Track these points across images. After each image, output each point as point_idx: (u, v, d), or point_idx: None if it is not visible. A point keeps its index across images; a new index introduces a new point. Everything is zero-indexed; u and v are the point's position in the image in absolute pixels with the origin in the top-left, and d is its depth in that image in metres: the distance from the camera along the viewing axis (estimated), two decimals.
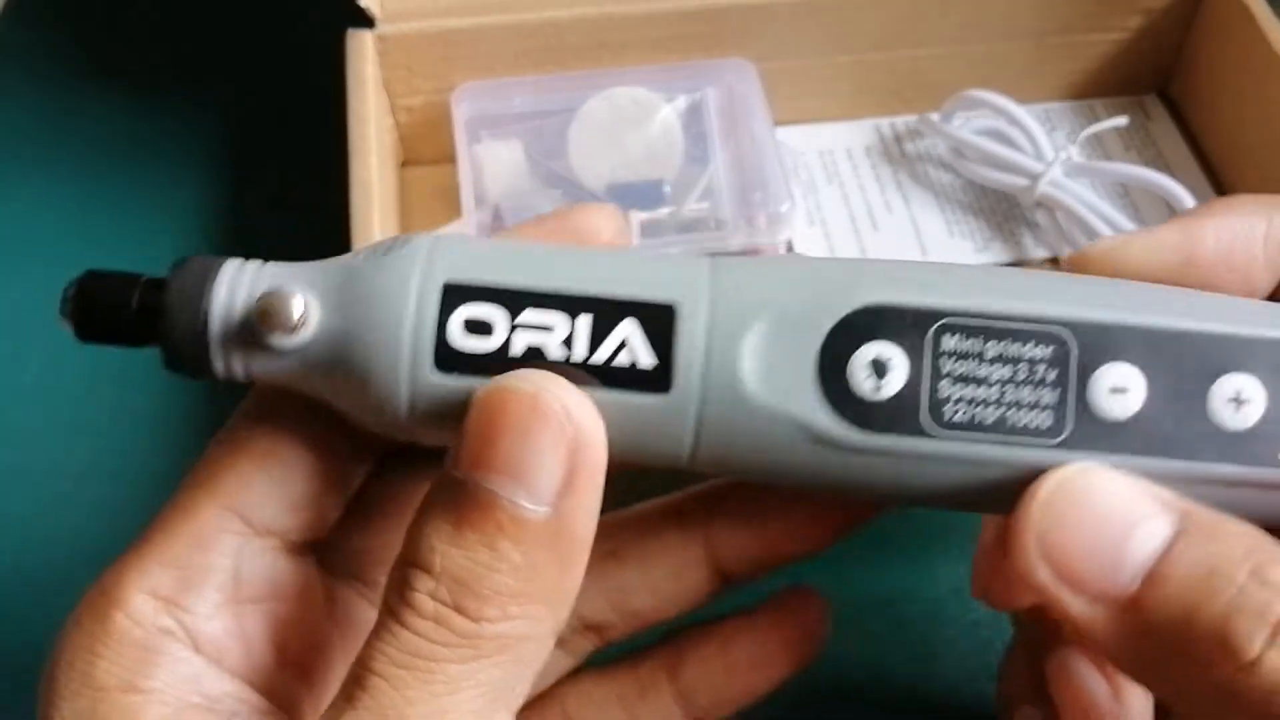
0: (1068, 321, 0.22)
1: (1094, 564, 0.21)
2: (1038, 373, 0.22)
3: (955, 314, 0.22)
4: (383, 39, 0.44)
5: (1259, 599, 0.19)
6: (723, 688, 0.28)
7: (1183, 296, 0.23)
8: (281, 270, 0.23)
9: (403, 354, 0.22)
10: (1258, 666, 0.19)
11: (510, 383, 0.21)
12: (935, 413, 0.22)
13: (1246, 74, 0.46)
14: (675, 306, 0.22)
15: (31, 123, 0.52)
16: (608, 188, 0.44)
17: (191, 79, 0.54)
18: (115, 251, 0.48)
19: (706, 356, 0.22)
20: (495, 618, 0.20)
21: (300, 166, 0.49)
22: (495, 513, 0.20)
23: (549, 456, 0.21)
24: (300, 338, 0.22)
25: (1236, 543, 0.20)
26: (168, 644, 0.22)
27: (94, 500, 0.41)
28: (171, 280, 0.22)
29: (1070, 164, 0.46)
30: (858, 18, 0.47)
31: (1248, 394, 0.22)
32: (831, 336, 0.22)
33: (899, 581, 0.38)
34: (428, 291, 0.22)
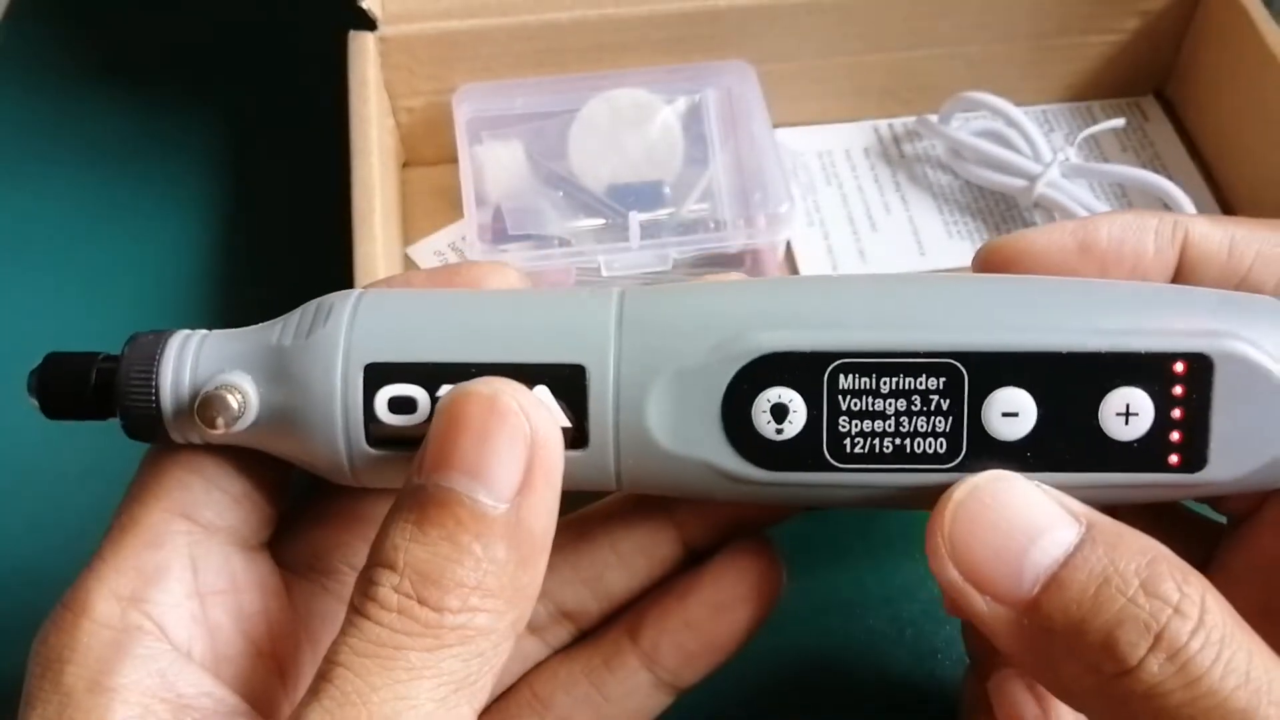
0: (959, 352, 0.22)
1: (998, 568, 0.22)
2: (931, 402, 0.23)
3: (848, 354, 0.23)
4: (384, 40, 0.45)
5: (1146, 610, 0.20)
6: (685, 643, 0.28)
7: (1075, 302, 0.23)
8: (219, 349, 0.24)
9: (336, 434, 0.23)
10: (1139, 672, 0.20)
11: (469, 386, 0.22)
12: (835, 448, 0.23)
13: (1243, 75, 0.47)
14: (584, 368, 0.23)
15: (34, 123, 0.52)
16: (608, 189, 0.45)
17: (194, 80, 0.54)
18: (117, 252, 0.48)
19: (616, 413, 0.23)
20: (456, 608, 0.21)
21: (302, 167, 0.49)
22: (456, 509, 0.21)
23: (506, 455, 0.22)
24: (241, 424, 0.23)
25: (1134, 555, 0.21)
26: (138, 640, 0.23)
27: (95, 501, 0.41)
28: (122, 361, 0.24)
29: (1068, 165, 0.46)
30: (856, 20, 0.47)
31: (1136, 406, 0.22)
32: (732, 386, 0.23)
33: (899, 581, 0.38)
34: (351, 373, 0.23)
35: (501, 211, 0.44)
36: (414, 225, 0.47)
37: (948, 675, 0.36)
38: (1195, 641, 0.20)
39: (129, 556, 0.24)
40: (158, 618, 0.23)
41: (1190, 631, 0.20)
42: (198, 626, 0.24)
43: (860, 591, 0.38)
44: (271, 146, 0.51)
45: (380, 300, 0.24)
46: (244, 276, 0.47)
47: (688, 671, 0.29)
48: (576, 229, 0.44)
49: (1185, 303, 0.23)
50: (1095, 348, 0.22)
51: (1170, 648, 0.20)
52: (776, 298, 0.24)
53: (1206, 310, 0.23)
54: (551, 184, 0.45)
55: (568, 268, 0.44)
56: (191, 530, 0.24)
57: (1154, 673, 0.20)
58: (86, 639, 0.23)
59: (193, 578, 0.24)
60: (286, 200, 0.49)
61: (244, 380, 0.23)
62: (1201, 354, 0.22)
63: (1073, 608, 0.21)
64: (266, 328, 0.24)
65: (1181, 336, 0.22)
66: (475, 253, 0.43)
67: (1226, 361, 0.22)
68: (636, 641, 0.29)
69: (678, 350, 0.23)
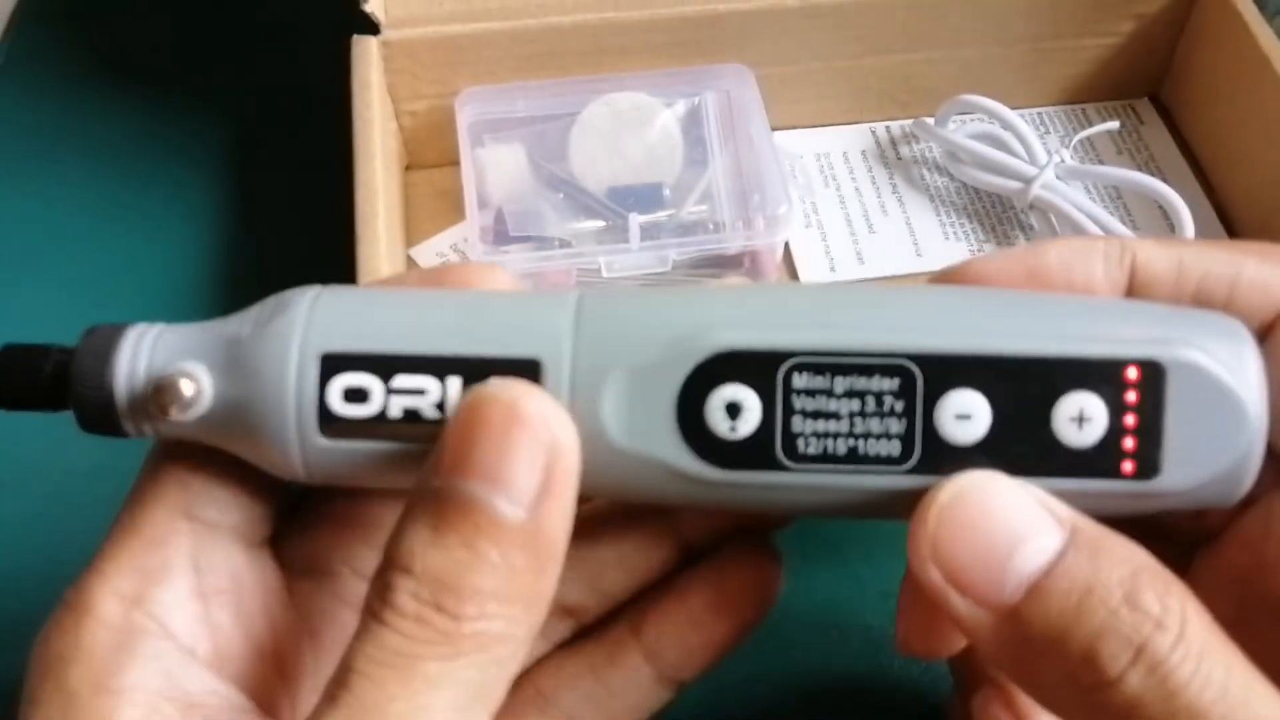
0: (912, 353, 0.22)
1: (981, 572, 0.22)
2: (885, 404, 0.23)
3: (803, 353, 0.23)
4: (387, 45, 0.45)
5: (1128, 623, 0.20)
6: (687, 638, 0.28)
7: (1030, 309, 0.23)
8: (176, 340, 0.24)
9: (289, 424, 0.23)
10: (1120, 685, 0.20)
11: (489, 390, 0.22)
12: (789, 448, 0.23)
13: (1237, 78, 0.47)
14: (539, 362, 0.23)
15: (39, 126, 0.53)
16: (608, 191, 0.45)
17: (198, 84, 0.54)
18: (122, 254, 0.48)
19: (571, 408, 0.23)
20: (474, 615, 0.21)
21: (305, 170, 0.49)
22: (474, 515, 0.21)
23: (527, 462, 0.21)
24: (194, 412, 0.23)
25: (1117, 564, 0.21)
26: (142, 640, 0.23)
27: (98, 500, 0.41)
28: (77, 352, 0.24)
29: (1063, 167, 0.46)
30: (854, 24, 0.47)
31: (1090, 412, 0.22)
32: (687, 383, 0.23)
33: (897, 580, 0.38)
34: (306, 362, 0.23)
35: (503, 213, 0.44)
36: (416, 227, 0.47)
37: (946, 675, 0.37)
38: (1175, 655, 0.20)
39: (131, 556, 0.24)
40: (161, 617, 0.23)
41: (1171, 645, 0.20)
42: (201, 626, 0.24)
43: (859, 591, 0.38)
44: (275, 149, 0.52)
45: (339, 295, 0.24)
46: (247, 279, 0.47)
47: (689, 666, 0.29)
48: (577, 231, 0.44)
49: (1139, 312, 0.23)
50: (1049, 352, 0.22)
51: (1151, 661, 0.20)
52: (734, 298, 0.24)
53: (1160, 319, 0.23)
54: (552, 186, 0.45)
55: (568, 269, 0.44)
56: (194, 529, 0.24)
57: (1134, 686, 0.20)
58: (89, 639, 0.22)
59: (195, 577, 0.24)
60: (290, 203, 0.50)
61: (199, 369, 0.23)
62: (1154, 361, 0.22)
63: (1054, 616, 0.21)
64: (225, 320, 0.24)
65: (1135, 343, 0.22)
66: (477, 254, 0.43)
67: (1179, 368, 0.22)
68: (639, 637, 0.29)
69: (633, 347, 0.23)
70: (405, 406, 0.23)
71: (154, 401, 0.23)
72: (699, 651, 0.29)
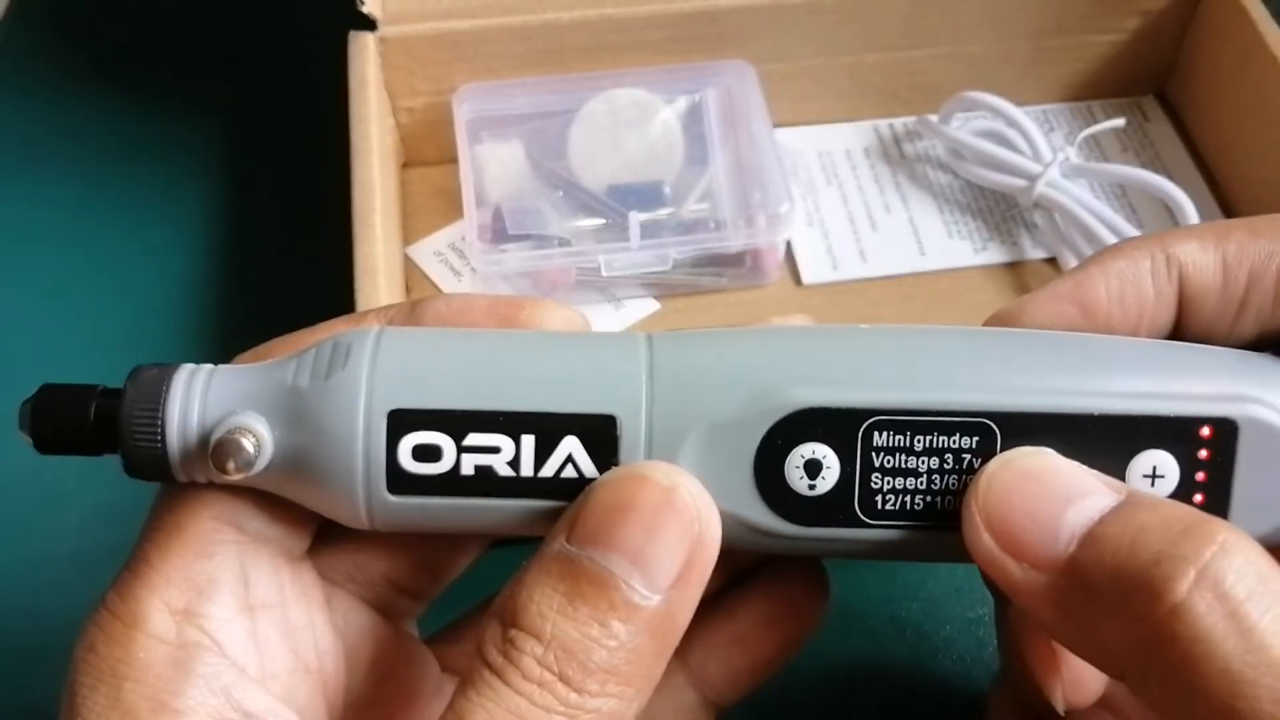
0: (992, 412, 0.23)
1: (1034, 531, 0.21)
2: (964, 461, 0.23)
3: (884, 411, 0.23)
4: (384, 41, 0.45)
5: (1186, 548, 0.20)
6: (733, 660, 0.28)
7: (1106, 364, 0.23)
8: (230, 387, 0.23)
9: (356, 482, 0.23)
10: (1183, 612, 0.19)
11: (646, 471, 0.22)
12: (866, 504, 0.23)
13: (1243, 75, 0.46)
14: (615, 419, 0.23)
15: (34, 123, 0.52)
16: (608, 188, 0.45)
17: (194, 81, 0.54)
18: (117, 252, 0.48)
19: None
20: (595, 692, 0.21)
21: (302, 167, 0.49)
22: (610, 591, 0.21)
23: (673, 550, 0.22)
24: (255, 470, 0.23)
25: (1172, 511, 0.21)
26: (199, 657, 0.22)
27: (96, 501, 0.41)
28: (125, 399, 0.23)
29: (1068, 165, 0.46)
30: (856, 20, 0.47)
31: (1163, 469, 0.23)
32: (766, 441, 0.23)
33: (899, 581, 0.38)
34: (374, 419, 0.22)
35: (501, 211, 0.44)
36: (414, 225, 0.47)
37: (948, 675, 0.36)
38: (1244, 586, 0.19)
39: (179, 566, 0.23)
40: (213, 632, 0.23)
41: (1239, 574, 0.19)
42: (249, 641, 0.23)
43: (860, 591, 0.38)
44: (271, 147, 0.51)
45: (402, 341, 0.23)
46: (244, 276, 0.47)
47: (733, 688, 0.29)
48: (576, 229, 0.44)
49: (1206, 366, 0.24)
50: (1126, 410, 0.22)
51: (1217, 585, 0.19)
52: (811, 351, 0.24)
53: (1227, 373, 0.23)
54: (551, 184, 0.45)
55: (568, 267, 0.44)
56: (240, 540, 0.24)
57: (1200, 613, 0.19)
58: (144, 654, 0.22)
59: (244, 591, 0.24)
60: (287, 201, 0.49)
61: (258, 422, 0.23)
62: (1228, 419, 0.22)
63: (1109, 559, 0.20)
64: (279, 365, 0.23)
65: (1207, 401, 0.23)
66: (475, 253, 0.43)
67: (1250, 426, 0.22)
68: (684, 659, 0.28)
69: (711, 403, 0.23)
70: (478, 465, 0.23)
71: (213, 459, 0.22)
72: (744, 673, 0.28)
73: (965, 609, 0.38)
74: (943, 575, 0.39)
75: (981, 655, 0.37)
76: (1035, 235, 0.47)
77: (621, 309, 0.45)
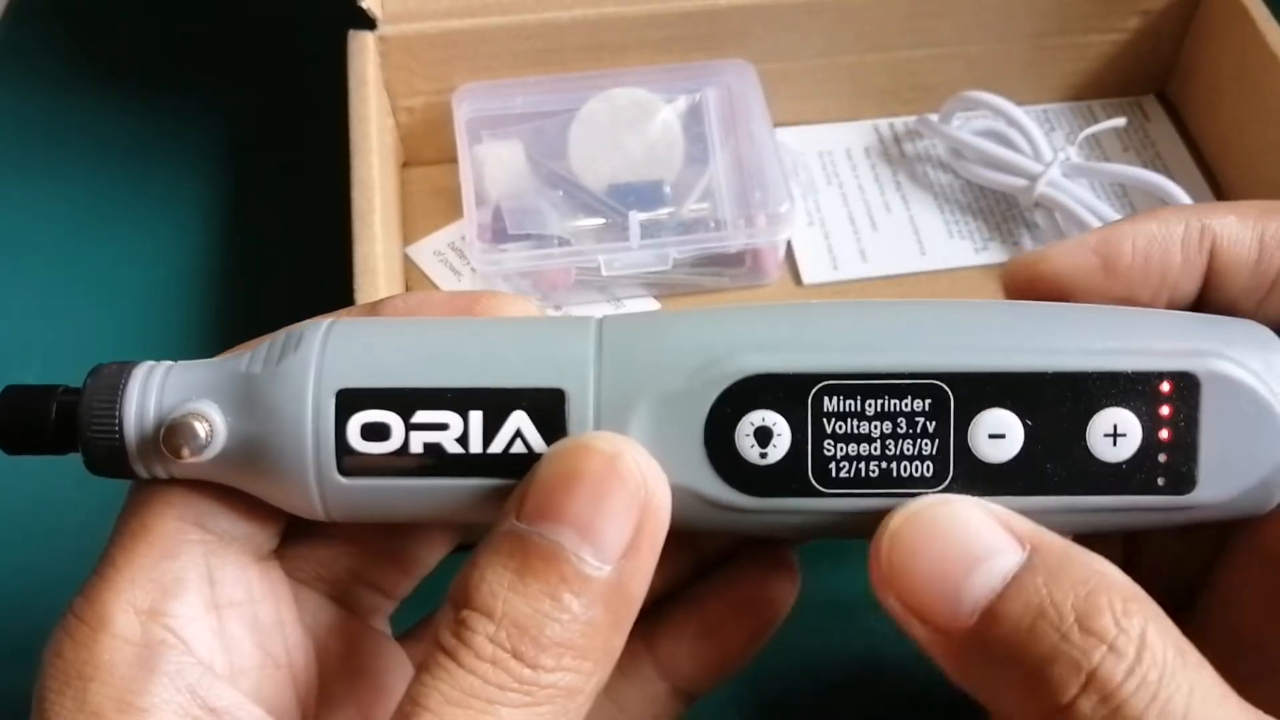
0: (943, 373, 0.22)
1: (936, 596, 0.21)
2: (917, 424, 0.22)
3: (833, 375, 0.22)
4: (384, 40, 0.45)
5: (1079, 648, 0.20)
6: (702, 651, 0.28)
7: (1061, 324, 0.23)
8: (185, 379, 0.23)
9: (306, 463, 0.23)
10: (1072, 710, 0.20)
11: (590, 441, 0.22)
12: (821, 472, 0.23)
13: (1244, 75, 0.46)
14: (563, 392, 0.22)
15: (33, 122, 0.52)
16: (608, 188, 0.45)
17: (193, 79, 0.54)
18: (116, 251, 0.48)
19: None
20: (550, 666, 0.21)
21: (302, 167, 0.49)
22: (560, 565, 0.21)
23: (620, 518, 0.21)
24: (208, 453, 0.23)
25: (1073, 585, 0.20)
26: (164, 655, 0.22)
27: (97, 501, 0.41)
28: (84, 394, 0.23)
29: (1069, 165, 0.46)
30: (857, 19, 0.47)
31: (1124, 427, 0.22)
32: (715, 409, 0.22)
33: None
34: (322, 399, 0.23)
35: (501, 211, 0.44)
36: (413, 225, 0.47)
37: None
38: (1130, 683, 0.19)
39: (144, 567, 0.23)
40: (179, 631, 0.23)
41: (1125, 671, 0.20)
42: (216, 639, 0.23)
43: (860, 591, 0.38)
44: (270, 146, 0.51)
45: (352, 328, 0.24)
46: (243, 276, 0.47)
47: (703, 678, 0.29)
48: (576, 228, 0.44)
49: (1169, 324, 0.23)
50: (1081, 368, 0.22)
51: (1103, 689, 0.20)
52: (759, 321, 0.23)
53: (1191, 331, 0.23)
54: (551, 183, 0.45)
55: (568, 267, 0.44)
56: (206, 540, 0.24)
57: (1087, 714, 0.20)
58: (109, 655, 0.22)
59: (210, 589, 0.24)
60: (286, 200, 0.49)
61: (211, 409, 0.23)
62: (1188, 373, 0.22)
63: (1008, 640, 0.20)
64: (234, 357, 0.24)
65: (1167, 356, 0.22)
66: (475, 252, 0.43)
67: (1212, 380, 0.22)
68: (653, 651, 0.28)
69: (659, 374, 0.22)
70: (427, 442, 0.23)
71: (166, 444, 0.22)
72: (713, 663, 0.28)
73: None
74: None
75: None
76: (1036, 235, 0.47)
77: (621, 309, 0.45)
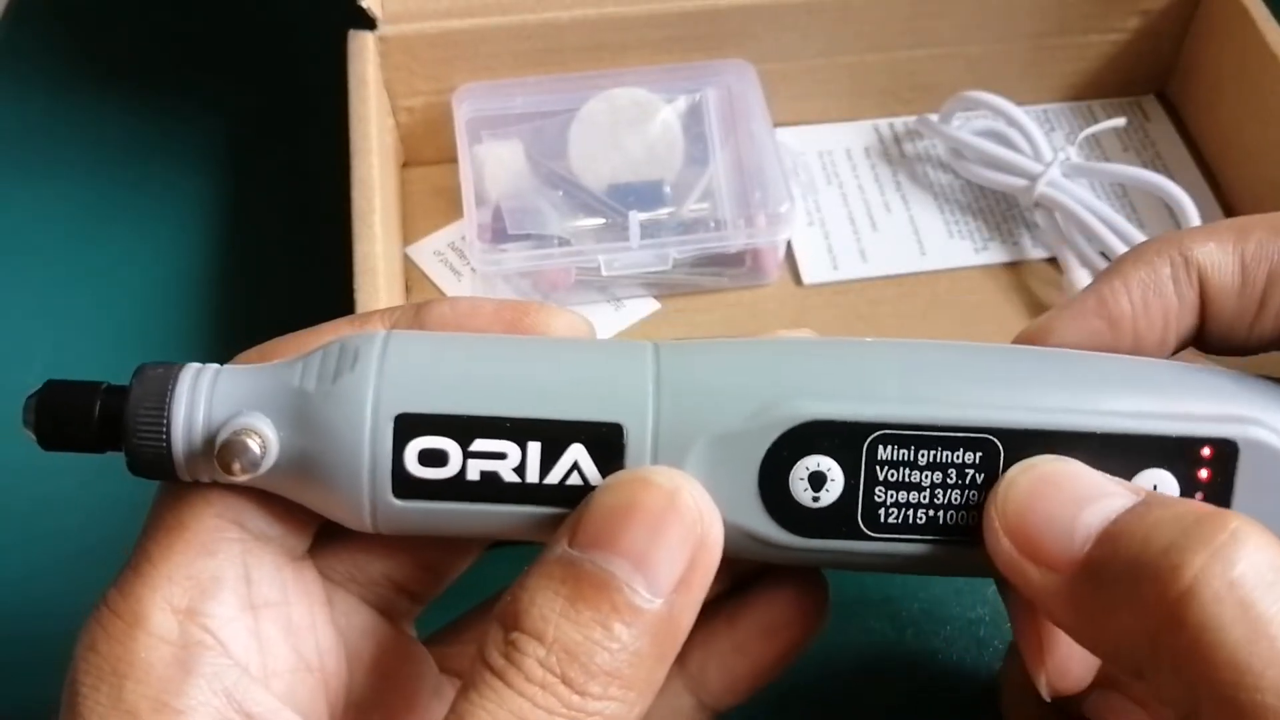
0: (996, 429, 0.23)
1: (1049, 533, 0.21)
2: (967, 476, 0.23)
3: (889, 425, 0.23)
4: (384, 40, 0.44)
5: (1197, 536, 0.20)
6: (733, 667, 0.28)
7: (1110, 382, 0.23)
8: (235, 388, 0.23)
9: (362, 486, 0.23)
10: (1192, 599, 0.19)
11: (649, 475, 0.22)
12: (870, 517, 0.23)
13: (1244, 75, 0.46)
14: (621, 427, 0.23)
15: (33, 123, 0.52)
16: (608, 188, 0.44)
17: (193, 79, 0.54)
18: (115, 252, 0.48)
19: None
20: (598, 694, 0.21)
21: (301, 167, 0.49)
22: (612, 594, 0.21)
23: (675, 552, 0.22)
24: (260, 471, 0.23)
25: (1188, 506, 0.21)
26: (201, 657, 0.22)
27: (99, 500, 0.41)
28: (130, 397, 0.23)
29: (1069, 165, 0.46)
30: (857, 19, 0.47)
31: (1163, 487, 0.23)
32: (771, 452, 0.23)
33: (899, 581, 0.38)
34: (380, 424, 0.22)
35: (501, 211, 0.44)
36: (413, 225, 0.47)
37: (948, 675, 0.36)
38: (1253, 572, 0.19)
39: (182, 564, 0.23)
40: (216, 631, 0.23)
41: (1248, 559, 0.19)
42: (252, 640, 0.23)
43: (860, 591, 0.38)
44: (270, 146, 0.51)
45: (407, 345, 0.23)
46: (243, 276, 0.47)
47: (730, 695, 0.29)
48: (576, 228, 0.44)
49: (1208, 386, 0.24)
50: (1128, 430, 0.23)
51: (1225, 570, 0.19)
52: (817, 364, 0.24)
53: (1229, 394, 0.23)
54: (551, 183, 0.45)
55: (568, 267, 0.44)
56: (243, 539, 0.24)
57: (1208, 600, 0.19)
58: (145, 654, 0.22)
59: (246, 589, 0.24)
60: (286, 200, 0.49)
61: (263, 424, 0.23)
62: (1228, 439, 0.23)
63: (1122, 553, 0.20)
64: (286, 367, 0.23)
65: (1209, 422, 0.23)
66: (475, 252, 0.43)
67: (1250, 448, 0.23)
68: (682, 665, 0.28)
69: (717, 414, 0.23)
70: (484, 470, 0.23)
71: (219, 460, 0.22)
72: (742, 680, 0.28)
73: (965, 609, 0.38)
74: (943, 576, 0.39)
75: (982, 655, 0.37)
76: (1036, 235, 0.47)
77: (621, 309, 0.45)
